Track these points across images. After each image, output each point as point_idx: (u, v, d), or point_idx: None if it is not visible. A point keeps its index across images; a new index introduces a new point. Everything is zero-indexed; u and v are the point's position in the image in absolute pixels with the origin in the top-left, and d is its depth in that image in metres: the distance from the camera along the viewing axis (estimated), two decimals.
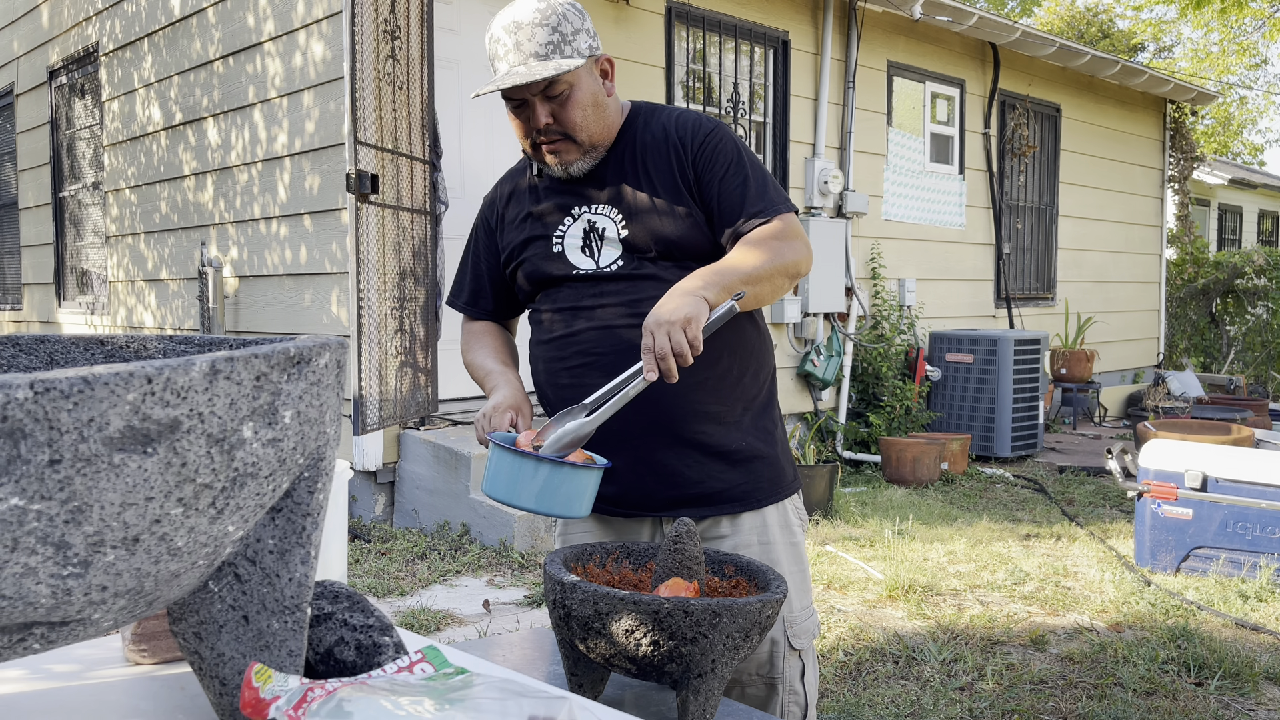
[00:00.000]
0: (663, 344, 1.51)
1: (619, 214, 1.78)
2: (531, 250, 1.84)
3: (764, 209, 1.74)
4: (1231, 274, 12.31)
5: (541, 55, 1.68)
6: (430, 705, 0.77)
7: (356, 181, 4.36)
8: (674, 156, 1.78)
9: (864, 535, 5.19)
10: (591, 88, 1.75)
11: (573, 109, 1.72)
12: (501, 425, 1.69)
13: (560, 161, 1.77)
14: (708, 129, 1.80)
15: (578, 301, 1.79)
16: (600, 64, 1.77)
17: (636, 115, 1.85)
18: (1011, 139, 9.11)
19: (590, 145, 1.77)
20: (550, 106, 1.72)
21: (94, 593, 0.73)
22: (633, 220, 1.77)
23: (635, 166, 1.79)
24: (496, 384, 1.81)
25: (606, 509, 1.81)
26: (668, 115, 1.84)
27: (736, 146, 1.80)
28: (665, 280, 1.74)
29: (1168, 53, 23.28)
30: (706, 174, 1.77)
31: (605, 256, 1.78)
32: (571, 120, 1.73)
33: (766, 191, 1.77)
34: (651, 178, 1.78)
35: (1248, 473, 4.39)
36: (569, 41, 1.70)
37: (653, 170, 1.78)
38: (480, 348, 1.93)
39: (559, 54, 1.69)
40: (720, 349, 1.76)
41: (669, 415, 1.74)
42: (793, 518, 1.87)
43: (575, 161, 1.77)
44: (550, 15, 1.69)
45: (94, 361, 1.05)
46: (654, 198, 1.77)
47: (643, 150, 1.80)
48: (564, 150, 1.75)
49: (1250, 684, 3.29)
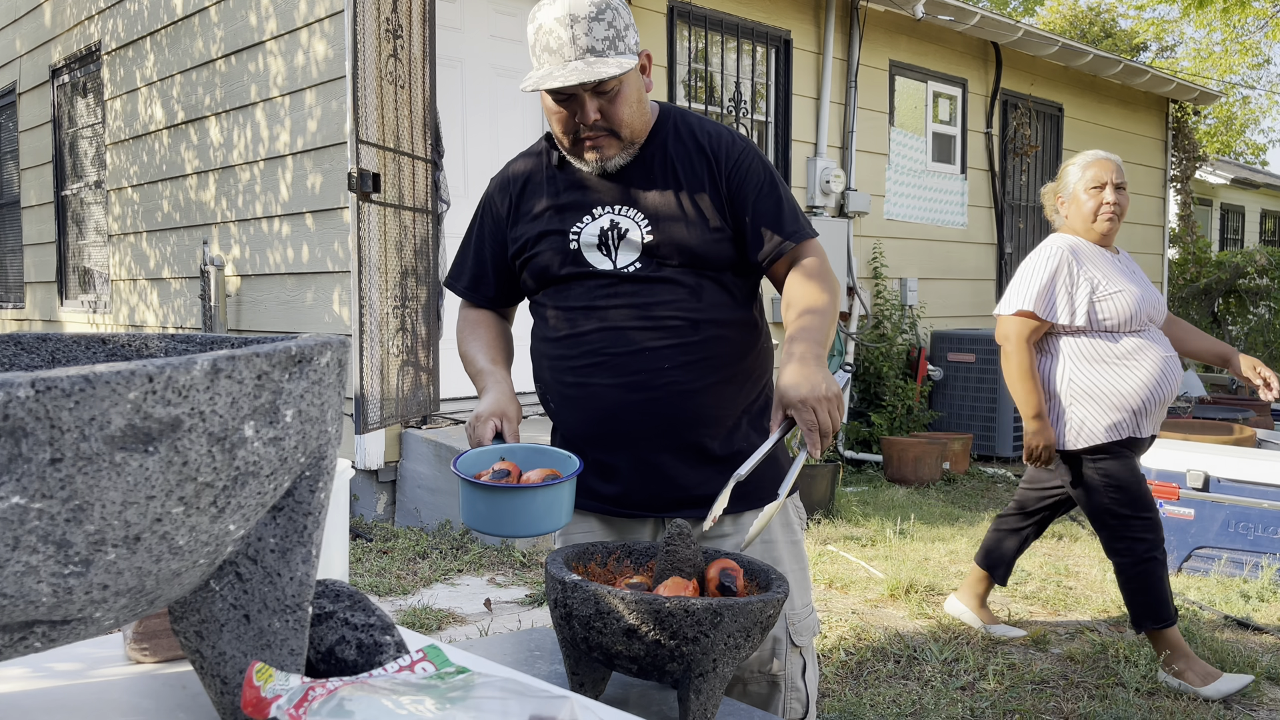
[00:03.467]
0: (826, 422, 1.52)
1: (643, 217, 1.76)
2: (545, 244, 1.81)
3: (796, 231, 1.77)
4: (1234, 274, 12.30)
5: (599, 52, 1.65)
6: (431, 704, 0.77)
7: (358, 180, 4.36)
8: (707, 169, 1.78)
9: (865, 535, 5.19)
10: (637, 84, 1.74)
11: (621, 105, 1.71)
12: (485, 435, 1.66)
13: (601, 157, 1.74)
14: (741, 146, 1.81)
15: (590, 301, 1.77)
16: (641, 59, 1.76)
17: (667, 118, 1.83)
18: (1013, 138, 9.11)
19: (630, 141, 1.76)
20: (599, 102, 1.70)
21: (95, 591, 0.73)
22: (658, 225, 1.75)
23: (665, 172, 1.78)
24: (485, 386, 1.78)
25: (609, 509, 1.82)
26: (698, 124, 1.84)
27: (769, 167, 1.82)
28: (681, 285, 1.74)
29: (1170, 52, 23.26)
30: (740, 192, 1.77)
31: (623, 257, 1.76)
32: (619, 117, 1.71)
33: (798, 215, 1.80)
34: (683, 185, 1.77)
35: (1250, 473, 4.38)
36: (622, 38, 1.68)
37: (684, 178, 1.77)
38: (474, 340, 1.90)
39: (614, 50, 1.67)
40: (729, 356, 1.77)
41: (672, 419, 1.74)
42: (793, 516, 1.88)
43: (614, 157, 1.75)
44: (605, 10, 1.67)
45: (96, 360, 1.05)
46: (684, 206, 1.76)
47: (675, 156, 1.79)
48: (606, 145, 1.74)
49: (1252, 684, 3.29)
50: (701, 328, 1.74)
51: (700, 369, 1.74)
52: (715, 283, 1.77)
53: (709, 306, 1.75)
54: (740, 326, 1.80)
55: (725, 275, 1.77)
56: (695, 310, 1.74)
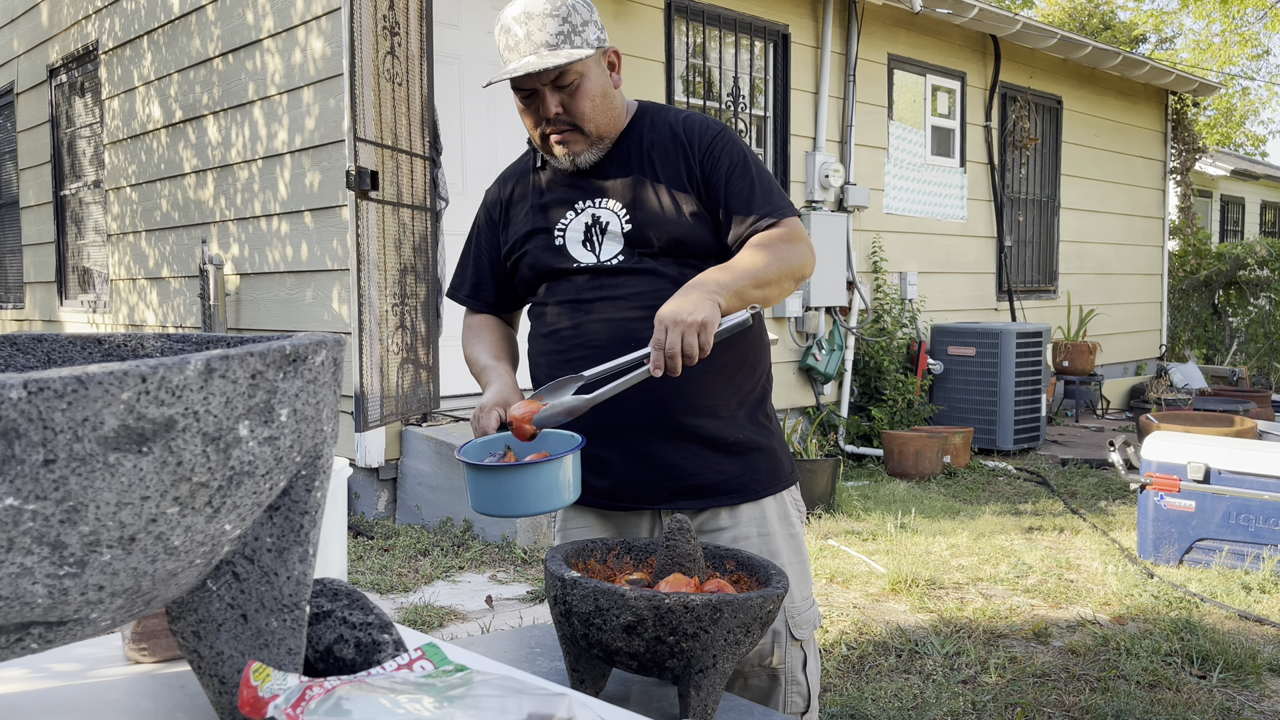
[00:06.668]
0: (673, 342, 1.53)
1: (623, 209, 1.80)
2: (533, 243, 1.85)
3: (770, 211, 1.77)
4: (1234, 265, 12.29)
5: (552, 45, 1.70)
6: (429, 703, 0.77)
7: (356, 178, 4.36)
8: (681, 155, 1.81)
9: (866, 529, 5.19)
10: (600, 79, 1.77)
11: (582, 99, 1.75)
12: (490, 425, 1.67)
13: (569, 152, 1.78)
14: (715, 130, 1.83)
15: (577, 295, 1.81)
16: (608, 56, 1.81)
17: (643, 114, 1.87)
18: (1013, 131, 9.10)
19: (597, 136, 1.79)
20: (560, 97, 1.74)
21: (91, 592, 0.72)
22: (637, 215, 1.79)
23: (642, 162, 1.81)
24: (489, 380, 1.81)
25: (604, 503, 1.82)
26: (674, 115, 1.87)
27: (743, 150, 1.83)
28: (664, 275, 1.76)
29: (1169, 44, 23.23)
30: (713, 175, 1.80)
31: (606, 250, 1.80)
32: (580, 110, 1.75)
33: (772, 195, 1.80)
34: (659, 174, 1.80)
35: (1251, 465, 4.38)
36: (578, 32, 1.72)
37: (660, 167, 1.80)
38: (478, 342, 1.93)
39: (569, 44, 1.71)
40: (719, 345, 1.76)
41: (663, 408, 1.75)
42: (791, 509, 1.88)
43: (583, 152, 1.79)
44: (560, 6, 1.72)
45: (91, 360, 1.05)
46: (660, 195, 1.79)
47: (649, 147, 1.82)
48: (572, 141, 1.77)
49: (1254, 676, 3.29)
50: None
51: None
52: (698, 271, 1.76)
53: None
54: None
55: (708, 263, 1.77)
56: None
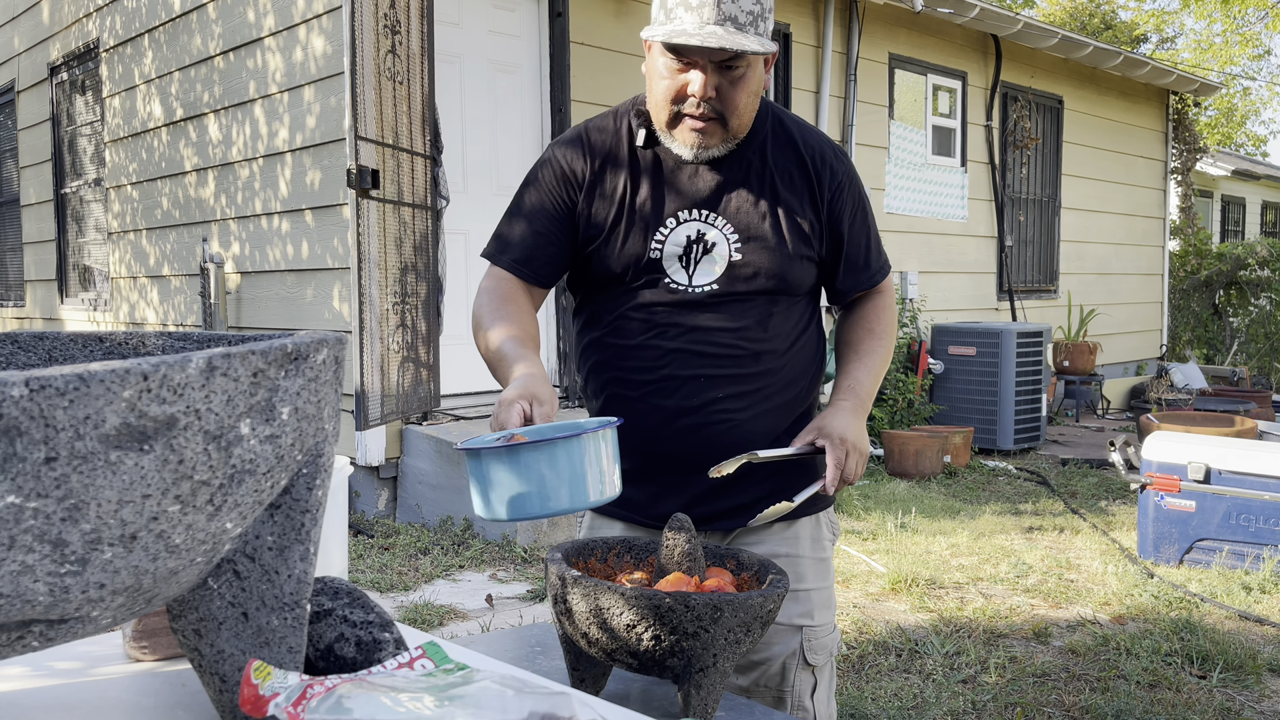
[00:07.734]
0: (850, 471, 1.60)
1: (734, 232, 1.64)
2: (622, 241, 1.66)
3: (880, 269, 1.78)
4: (1235, 265, 12.29)
5: (741, 24, 1.52)
6: (430, 701, 0.77)
7: (357, 177, 4.36)
8: (807, 188, 1.68)
9: (867, 529, 5.19)
10: (761, 75, 1.61)
11: (741, 90, 1.57)
12: (512, 420, 1.36)
13: (701, 143, 1.60)
14: (844, 169, 1.72)
15: (654, 316, 1.66)
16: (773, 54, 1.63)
17: (765, 116, 1.69)
18: (1014, 131, 9.09)
19: (735, 134, 1.62)
20: (721, 79, 1.55)
21: (92, 590, 0.72)
22: (748, 244, 1.64)
23: (763, 183, 1.66)
24: (511, 366, 1.52)
25: (635, 518, 1.74)
26: (799, 130, 1.71)
27: (863, 191, 1.75)
28: (750, 313, 1.66)
29: (1170, 44, 23.22)
30: (839, 220, 1.70)
31: (702, 273, 1.64)
32: (735, 102, 1.57)
33: (880, 249, 1.79)
34: (779, 199, 1.66)
35: (1251, 465, 4.38)
36: (764, 19, 1.56)
37: (782, 192, 1.66)
38: (502, 318, 1.62)
39: (755, 29, 1.54)
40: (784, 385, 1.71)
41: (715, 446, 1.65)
42: (825, 532, 1.81)
43: (715, 147, 1.61)
44: None
45: (93, 358, 1.05)
46: (778, 227, 1.65)
47: (774, 167, 1.67)
48: (711, 132, 1.59)
49: (1253, 676, 3.29)
50: (762, 359, 1.66)
51: (752, 399, 1.67)
52: (787, 308, 1.69)
53: (774, 336, 1.67)
54: (799, 354, 1.72)
55: (799, 299, 1.70)
56: (759, 341, 1.66)
